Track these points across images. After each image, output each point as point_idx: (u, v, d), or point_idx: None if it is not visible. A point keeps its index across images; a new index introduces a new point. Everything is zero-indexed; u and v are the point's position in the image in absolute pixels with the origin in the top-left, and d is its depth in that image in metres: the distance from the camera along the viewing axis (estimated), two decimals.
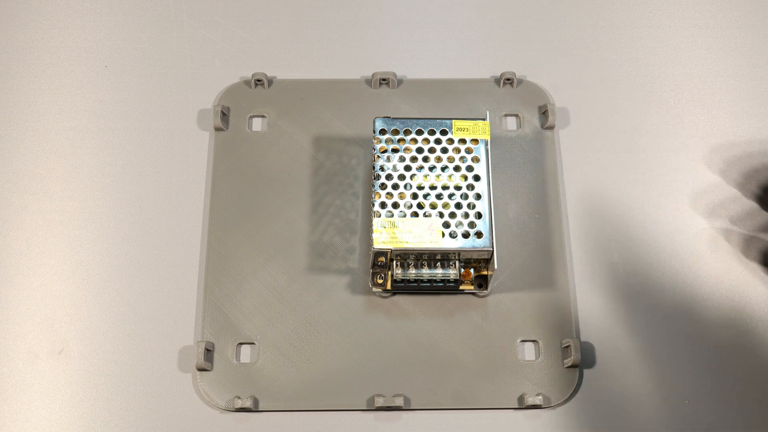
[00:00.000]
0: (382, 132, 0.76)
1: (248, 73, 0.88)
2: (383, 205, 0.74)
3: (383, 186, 0.75)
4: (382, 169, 0.75)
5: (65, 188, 0.83)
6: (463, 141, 0.76)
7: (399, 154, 0.76)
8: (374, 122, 0.77)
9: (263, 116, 0.86)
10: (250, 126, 0.86)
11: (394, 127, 0.77)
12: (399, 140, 0.76)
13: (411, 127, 0.77)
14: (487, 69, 0.88)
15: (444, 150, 0.76)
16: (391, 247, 0.72)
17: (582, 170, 0.84)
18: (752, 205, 0.83)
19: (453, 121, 0.77)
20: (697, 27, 0.92)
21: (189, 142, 0.85)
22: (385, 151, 0.76)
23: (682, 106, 0.88)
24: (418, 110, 0.86)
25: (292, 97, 0.87)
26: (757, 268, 0.80)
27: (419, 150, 0.76)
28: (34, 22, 0.91)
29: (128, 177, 0.84)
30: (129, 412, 0.75)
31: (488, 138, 0.76)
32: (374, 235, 0.73)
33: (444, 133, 0.77)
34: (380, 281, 0.77)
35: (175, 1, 0.92)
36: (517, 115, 0.86)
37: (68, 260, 0.80)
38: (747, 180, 0.79)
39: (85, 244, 0.81)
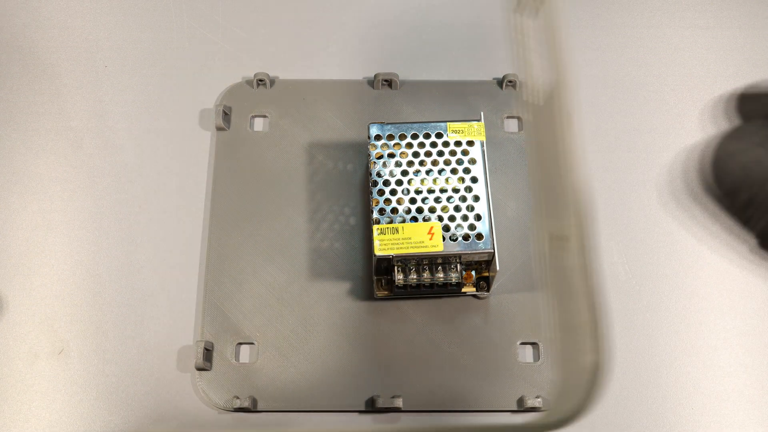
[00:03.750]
0: (377, 137, 0.76)
1: (250, 73, 0.88)
2: (382, 211, 0.74)
3: (381, 192, 0.75)
4: (378, 175, 0.75)
5: (65, 188, 0.83)
6: (458, 143, 0.76)
7: (395, 159, 0.76)
8: (368, 128, 0.77)
9: (265, 116, 0.86)
10: (251, 126, 0.86)
11: (389, 132, 0.77)
12: (394, 145, 0.76)
13: (406, 132, 0.77)
14: (489, 71, 0.88)
15: (440, 153, 0.76)
16: (392, 254, 0.72)
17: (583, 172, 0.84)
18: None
19: (447, 123, 0.77)
20: (697, 27, 0.92)
21: (190, 142, 0.85)
22: (380, 157, 0.76)
23: (682, 106, 0.88)
24: (420, 112, 0.86)
25: (294, 97, 0.87)
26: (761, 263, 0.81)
27: (415, 154, 0.76)
28: (34, 22, 0.91)
29: (128, 177, 0.84)
30: (128, 411, 0.75)
31: (483, 139, 0.76)
32: (375, 242, 0.73)
33: (439, 136, 0.76)
34: (384, 287, 0.77)
35: (175, 1, 0.92)
36: (518, 117, 0.86)
37: (68, 260, 0.80)
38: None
39: (85, 244, 0.81)
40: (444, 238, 0.73)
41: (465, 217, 0.74)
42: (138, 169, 0.84)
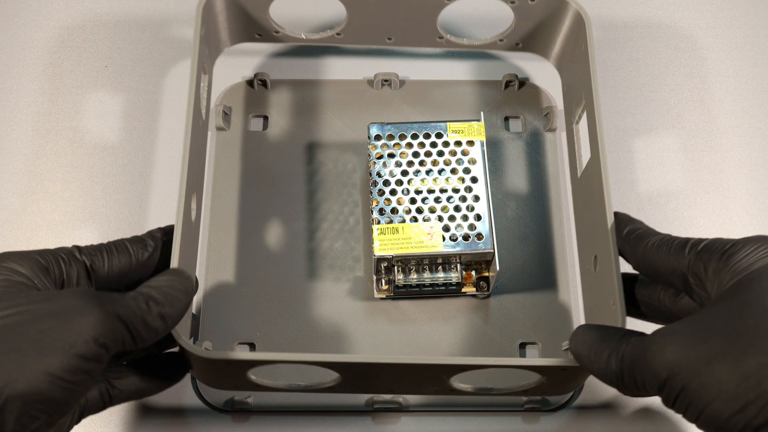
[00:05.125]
0: (377, 137, 0.77)
1: (250, 73, 0.88)
2: (382, 211, 0.74)
3: (381, 192, 0.75)
4: (378, 175, 0.75)
5: (65, 188, 0.83)
6: (458, 143, 0.76)
7: (395, 159, 0.76)
8: (368, 128, 0.77)
9: (265, 116, 0.86)
10: (251, 126, 0.86)
11: (389, 132, 0.77)
12: (394, 145, 0.76)
13: (406, 132, 0.77)
14: (488, 71, 0.88)
15: (440, 153, 0.76)
16: (392, 254, 0.72)
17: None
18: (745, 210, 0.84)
19: (448, 123, 0.77)
20: (697, 27, 0.92)
21: None
22: (380, 157, 0.76)
23: (682, 106, 0.88)
24: (420, 112, 0.86)
25: (294, 97, 0.87)
26: None
27: (415, 154, 0.76)
28: (34, 22, 0.91)
29: (128, 177, 0.84)
30: (128, 411, 0.75)
31: (483, 139, 0.77)
32: (375, 242, 0.73)
33: (439, 136, 0.77)
34: (384, 287, 0.77)
35: (176, 1, 0.92)
36: (519, 117, 0.86)
37: None
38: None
39: (85, 244, 0.81)
40: (444, 238, 0.73)
41: (465, 217, 0.74)
42: (138, 169, 0.84)
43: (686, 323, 0.55)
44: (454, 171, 0.75)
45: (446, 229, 0.73)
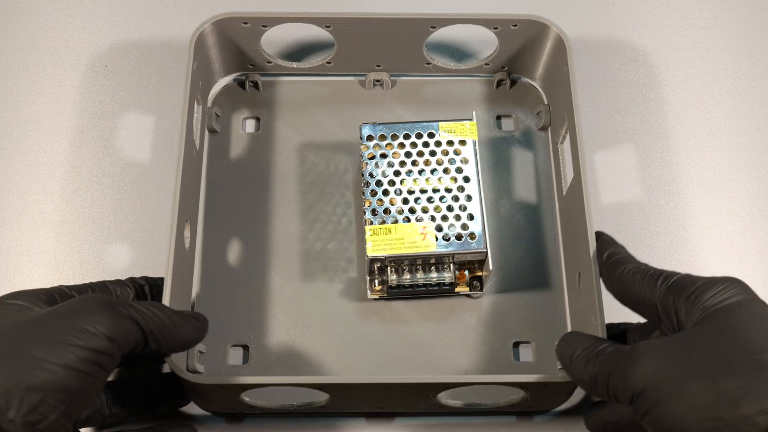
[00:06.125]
0: (369, 138, 0.77)
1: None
2: (374, 212, 0.74)
3: (373, 192, 0.75)
4: (371, 175, 0.75)
5: (65, 188, 0.84)
6: (450, 143, 0.76)
7: (387, 159, 0.76)
8: (360, 129, 0.77)
9: (257, 118, 0.86)
10: (243, 128, 0.86)
11: (381, 133, 0.77)
12: (387, 145, 0.76)
13: (398, 132, 0.77)
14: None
15: (432, 153, 0.76)
16: (385, 254, 0.72)
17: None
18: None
19: (440, 123, 0.77)
20: (697, 27, 0.92)
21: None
22: (373, 158, 0.76)
23: (682, 106, 0.87)
24: (413, 111, 0.86)
25: (286, 98, 0.87)
26: None
27: (407, 154, 0.76)
28: (34, 22, 0.91)
29: (128, 177, 0.84)
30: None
31: (476, 138, 0.76)
32: (368, 243, 0.73)
33: (431, 135, 0.77)
34: (378, 288, 0.77)
35: (175, 1, 0.92)
36: (511, 116, 0.86)
37: (68, 261, 0.81)
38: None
39: (85, 245, 0.81)
40: (437, 238, 0.73)
41: (458, 217, 0.74)
42: (138, 169, 0.84)
43: (665, 341, 0.57)
44: (446, 170, 0.75)
45: (439, 229, 0.73)
